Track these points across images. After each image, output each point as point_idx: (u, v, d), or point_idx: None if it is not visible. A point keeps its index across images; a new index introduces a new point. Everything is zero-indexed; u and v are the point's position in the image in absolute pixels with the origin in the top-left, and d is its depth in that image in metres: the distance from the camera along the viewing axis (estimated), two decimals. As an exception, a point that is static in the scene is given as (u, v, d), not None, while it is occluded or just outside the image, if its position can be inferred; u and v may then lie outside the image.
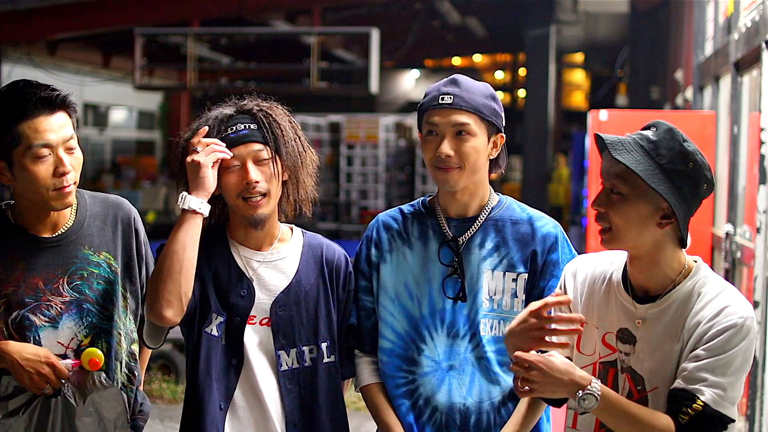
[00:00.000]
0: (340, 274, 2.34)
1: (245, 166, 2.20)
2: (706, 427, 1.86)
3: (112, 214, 2.36)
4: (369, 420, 2.45)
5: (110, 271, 2.31)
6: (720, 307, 1.90)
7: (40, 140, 2.15)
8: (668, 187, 1.89)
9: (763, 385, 4.36)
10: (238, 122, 2.23)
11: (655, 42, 12.58)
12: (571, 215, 13.24)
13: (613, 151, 1.91)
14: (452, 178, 2.22)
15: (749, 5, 5.11)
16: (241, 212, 2.23)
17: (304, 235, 2.37)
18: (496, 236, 2.28)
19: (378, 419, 2.31)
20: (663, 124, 1.95)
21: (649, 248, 1.95)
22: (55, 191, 2.19)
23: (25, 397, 2.21)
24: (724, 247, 5.68)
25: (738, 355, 1.87)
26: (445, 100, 2.21)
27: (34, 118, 2.15)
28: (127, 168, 15.71)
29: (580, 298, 2.08)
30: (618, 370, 2.00)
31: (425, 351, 2.27)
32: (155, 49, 11.86)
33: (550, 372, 1.87)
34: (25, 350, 2.17)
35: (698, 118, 6.37)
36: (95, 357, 2.22)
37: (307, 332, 2.26)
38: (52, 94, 2.18)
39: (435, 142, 2.22)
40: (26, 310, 2.21)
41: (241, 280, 2.25)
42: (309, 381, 2.25)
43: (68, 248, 2.27)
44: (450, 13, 13.17)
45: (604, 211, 1.96)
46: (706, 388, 1.86)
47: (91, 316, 2.26)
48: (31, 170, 2.16)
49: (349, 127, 12.25)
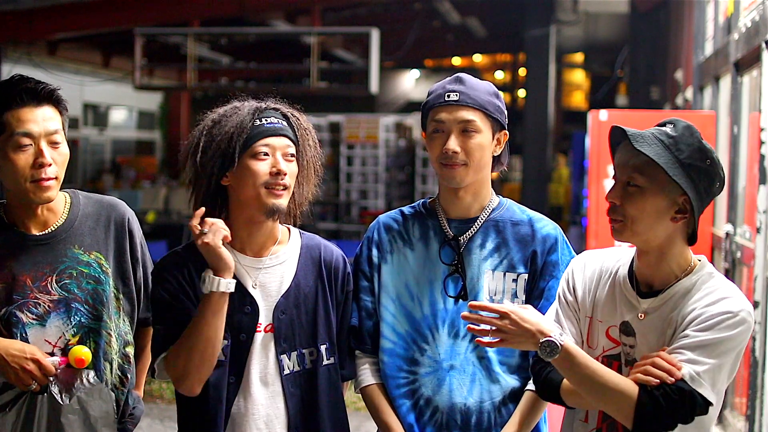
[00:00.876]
0: (338, 276, 2.32)
1: (275, 157, 2.19)
2: (677, 400, 1.84)
3: (106, 214, 2.35)
4: (369, 420, 2.45)
5: (101, 271, 2.30)
6: (718, 297, 1.92)
7: (22, 129, 2.17)
8: (687, 181, 1.92)
9: (763, 385, 4.37)
10: (272, 116, 2.23)
11: (655, 42, 12.58)
12: (571, 215, 13.25)
13: (635, 142, 1.93)
14: (458, 174, 2.24)
15: (749, 5, 5.11)
16: (261, 200, 2.18)
17: (302, 237, 2.35)
18: (496, 237, 2.29)
19: (378, 420, 2.31)
20: (681, 122, 1.98)
21: (659, 242, 1.97)
22: (33, 183, 2.19)
23: (13, 394, 2.21)
24: (724, 247, 5.68)
25: (727, 341, 1.87)
26: (451, 97, 2.23)
27: (18, 108, 2.17)
28: (127, 168, 15.71)
29: (588, 291, 2.09)
30: (622, 363, 2.01)
31: (427, 351, 2.28)
32: (155, 49, 11.86)
33: (521, 322, 1.92)
34: (12, 346, 2.17)
35: (698, 118, 6.36)
36: (81, 355, 2.21)
37: (306, 335, 2.25)
38: (38, 87, 2.20)
39: (441, 139, 2.24)
40: (14, 306, 2.21)
41: (244, 297, 2.21)
42: (310, 384, 2.24)
43: (57, 247, 2.26)
44: (450, 13, 13.17)
45: (620, 204, 1.97)
46: (685, 363, 1.86)
47: (79, 316, 2.26)
48: (11, 158, 2.17)
49: (349, 127, 12.27)
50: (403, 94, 21.54)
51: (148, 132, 18.86)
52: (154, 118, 18.78)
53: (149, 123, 18.84)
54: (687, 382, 1.85)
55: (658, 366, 1.87)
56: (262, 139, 2.18)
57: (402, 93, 21.59)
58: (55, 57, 13.59)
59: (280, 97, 2.32)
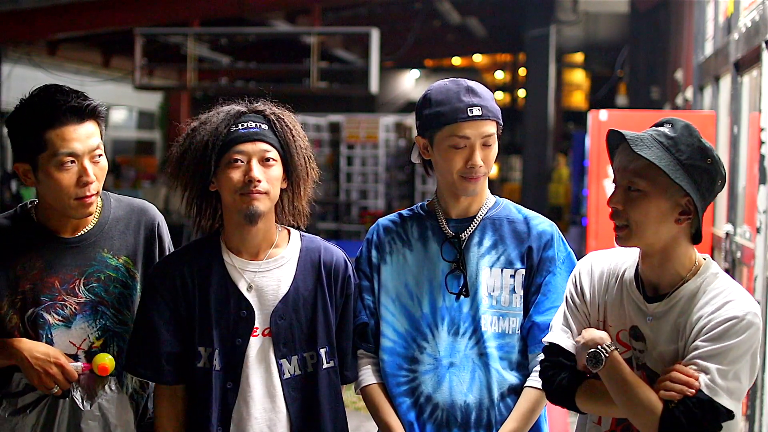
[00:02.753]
0: (338, 278, 2.29)
1: (249, 164, 2.17)
2: (696, 414, 1.84)
3: (136, 219, 2.35)
4: (369, 420, 2.45)
5: (128, 275, 2.30)
6: (722, 302, 1.90)
7: (66, 149, 2.16)
8: (689, 183, 1.90)
9: (763, 385, 4.36)
10: (250, 120, 2.20)
11: (655, 42, 12.58)
12: (571, 215, 13.25)
13: (635, 146, 1.91)
14: (478, 185, 2.27)
15: (749, 5, 5.11)
16: (237, 206, 2.17)
17: (302, 239, 2.32)
18: (493, 234, 2.31)
19: (378, 420, 2.32)
20: (679, 121, 1.96)
21: (663, 245, 1.95)
22: (77, 200, 2.19)
23: (35, 396, 2.22)
24: (724, 247, 5.68)
25: (737, 346, 1.86)
26: (474, 113, 2.21)
27: (62, 127, 2.16)
28: (127, 168, 15.70)
29: (597, 295, 2.08)
30: (633, 367, 1.99)
31: (427, 349, 2.28)
32: (155, 49, 11.85)
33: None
34: (36, 348, 2.17)
35: (698, 118, 6.36)
36: (105, 363, 2.22)
37: (306, 339, 2.23)
38: (83, 104, 2.19)
39: (464, 153, 2.23)
40: (41, 308, 2.21)
41: (239, 301, 2.20)
42: (311, 387, 2.23)
43: (87, 250, 2.27)
44: (450, 13, 13.18)
45: (622, 209, 1.96)
46: (700, 374, 1.85)
47: (105, 319, 2.26)
48: (54, 177, 2.17)
49: (349, 127, 12.26)
50: (403, 94, 21.54)
51: (148, 132, 18.85)
52: (154, 118, 18.78)
53: (149, 123, 18.84)
54: (705, 393, 1.84)
55: (675, 380, 1.87)
56: (236, 145, 2.17)
57: (402, 93, 21.59)
58: (55, 57, 13.58)
59: (273, 98, 2.30)
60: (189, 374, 2.20)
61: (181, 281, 2.20)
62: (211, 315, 2.19)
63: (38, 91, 2.21)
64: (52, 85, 2.23)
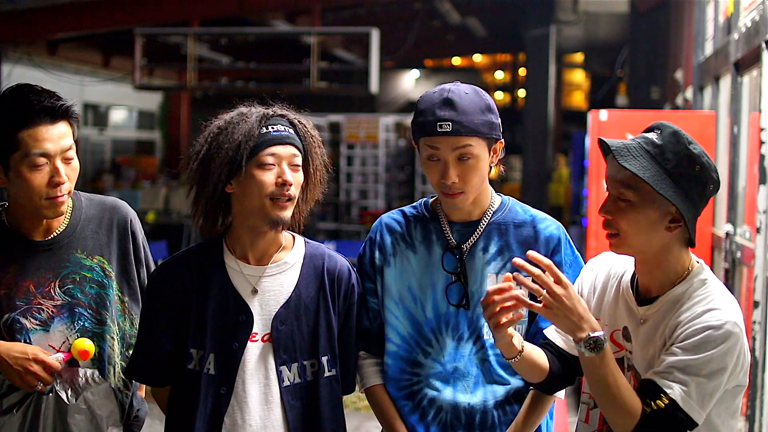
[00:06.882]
0: (342, 286, 2.26)
1: (281, 166, 2.13)
2: (667, 423, 1.83)
3: (108, 217, 2.34)
4: (369, 420, 2.46)
5: (104, 275, 2.29)
6: (702, 310, 1.88)
7: (39, 149, 2.14)
8: (676, 192, 1.87)
9: (763, 385, 4.36)
10: (279, 123, 2.16)
11: (655, 42, 12.58)
12: (571, 215, 13.24)
13: (620, 157, 1.89)
14: (459, 201, 2.21)
15: (749, 5, 5.11)
16: (264, 211, 2.12)
17: (307, 245, 2.29)
18: (499, 240, 2.27)
19: (383, 421, 2.31)
20: (667, 127, 1.93)
21: (656, 252, 1.94)
22: (48, 200, 2.18)
23: (19, 395, 2.21)
24: (724, 247, 5.68)
25: (714, 358, 1.83)
26: (443, 128, 2.13)
27: (35, 127, 2.14)
28: (127, 168, 15.71)
29: (593, 293, 2.10)
30: (624, 367, 2.00)
31: (430, 353, 2.26)
32: (155, 49, 11.85)
33: (575, 300, 1.84)
34: (13, 348, 2.16)
35: (698, 118, 6.36)
36: (85, 347, 2.21)
37: (307, 346, 2.19)
38: (56, 104, 2.17)
39: (438, 167, 2.18)
40: (17, 312, 2.20)
41: (238, 305, 2.16)
42: (311, 396, 2.19)
43: (60, 252, 2.26)
44: (450, 13, 13.17)
45: (612, 218, 1.95)
46: (675, 384, 1.84)
47: (83, 320, 2.26)
48: (26, 177, 2.15)
49: (349, 127, 12.25)
50: (403, 94, 21.55)
51: (148, 132, 18.86)
52: (154, 118, 18.78)
53: (149, 123, 18.84)
54: (678, 403, 1.82)
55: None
56: (269, 147, 2.12)
57: (402, 93, 21.60)
58: (55, 57, 13.59)
59: (286, 102, 2.25)
60: (179, 375, 2.17)
61: (181, 285, 2.17)
62: (207, 318, 2.15)
63: (11, 91, 2.19)
64: (25, 84, 2.21)
